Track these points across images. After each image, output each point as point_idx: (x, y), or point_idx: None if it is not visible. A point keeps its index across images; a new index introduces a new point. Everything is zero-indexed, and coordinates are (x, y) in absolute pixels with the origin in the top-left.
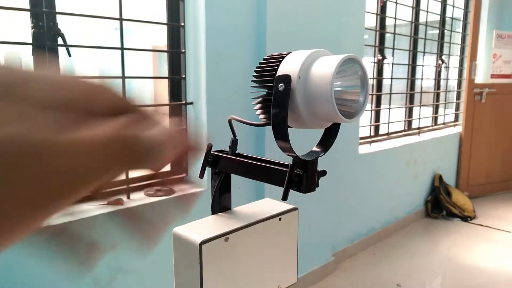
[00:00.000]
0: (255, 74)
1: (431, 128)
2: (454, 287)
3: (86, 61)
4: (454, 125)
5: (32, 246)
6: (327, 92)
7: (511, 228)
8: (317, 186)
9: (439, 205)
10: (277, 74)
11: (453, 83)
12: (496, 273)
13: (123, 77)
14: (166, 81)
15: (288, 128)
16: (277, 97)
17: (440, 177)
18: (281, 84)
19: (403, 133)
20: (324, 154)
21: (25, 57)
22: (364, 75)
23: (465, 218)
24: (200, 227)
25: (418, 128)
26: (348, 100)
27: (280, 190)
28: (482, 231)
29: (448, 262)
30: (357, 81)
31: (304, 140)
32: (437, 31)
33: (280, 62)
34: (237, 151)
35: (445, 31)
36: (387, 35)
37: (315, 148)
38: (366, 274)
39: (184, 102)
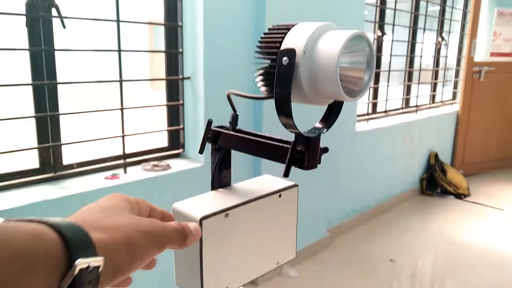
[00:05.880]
0: (259, 44)
1: (428, 106)
2: (445, 263)
3: (80, 33)
4: (452, 104)
5: None
6: (332, 70)
7: (504, 206)
8: (319, 163)
9: (434, 182)
10: (281, 47)
11: (452, 61)
12: (487, 250)
13: (119, 50)
14: (162, 55)
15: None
16: (280, 72)
17: (436, 155)
18: (285, 58)
19: (401, 111)
20: (327, 130)
21: (19, 29)
22: (371, 53)
23: (459, 196)
24: (200, 203)
25: (416, 106)
26: (353, 77)
27: (278, 165)
28: (475, 209)
29: (440, 238)
30: (363, 58)
31: (306, 116)
32: (438, 8)
33: (285, 33)
34: (237, 127)
35: (446, 7)
36: (387, 11)
37: (317, 125)
38: (360, 249)
39: (181, 77)
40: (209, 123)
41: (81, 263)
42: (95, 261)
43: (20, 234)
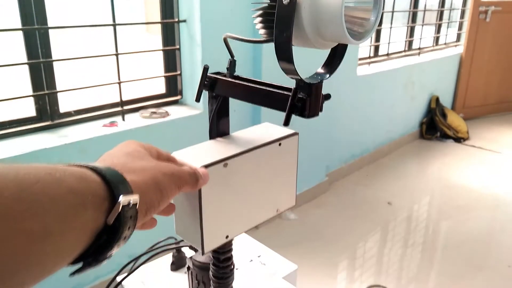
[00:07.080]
0: None
1: (432, 48)
2: (441, 205)
3: None
4: (456, 46)
5: None
6: (337, 10)
7: (502, 149)
8: (321, 111)
9: (434, 126)
10: None
11: (458, 1)
12: (483, 192)
13: None
14: None
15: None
16: (280, 12)
17: (437, 99)
18: None
19: (403, 53)
20: (330, 76)
21: None
22: None
23: (458, 140)
24: (199, 153)
25: (419, 48)
26: (358, 18)
27: (278, 113)
28: (473, 152)
29: (438, 181)
30: None
31: (308, 61)
32: None
33: None
34: (236, 73)
35: None
36: None
37: (320, 70)
38: (358, 193)
39: (176, 20)
40: (205, 69)
41: (123, 200)
42: (133, 199)
43: (68, 175)
